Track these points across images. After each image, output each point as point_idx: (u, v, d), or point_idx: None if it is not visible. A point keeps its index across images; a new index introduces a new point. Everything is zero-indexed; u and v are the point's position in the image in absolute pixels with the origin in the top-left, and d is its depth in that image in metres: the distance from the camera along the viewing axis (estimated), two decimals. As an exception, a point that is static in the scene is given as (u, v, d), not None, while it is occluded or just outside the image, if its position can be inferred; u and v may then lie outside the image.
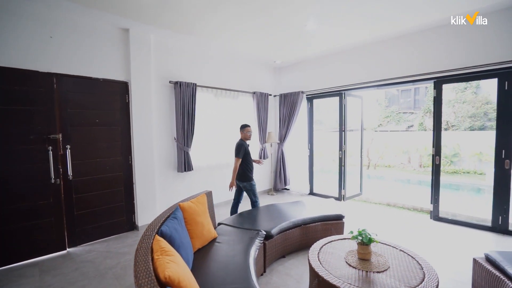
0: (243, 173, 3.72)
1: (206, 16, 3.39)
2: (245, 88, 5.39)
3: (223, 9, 3.22)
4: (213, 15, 3.38)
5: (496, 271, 2.06)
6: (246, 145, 3.75)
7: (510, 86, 3.39)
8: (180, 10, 3.22)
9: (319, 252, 2.31)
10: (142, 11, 3.21)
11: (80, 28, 3.28)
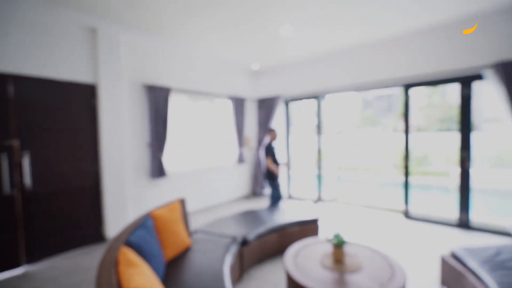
0: (269, 172, 4.16)
1: (180, 18, 3.33)
2: (222, 92, 5.34)
3: (197, 13, 3.18)
4: (187, 18, 3.33)
5: (460, 265, 2.15)
6: (273, 146, 4.20)
7: (468, 91, 3.63)
8: (152, 11, 3.14)
9: (295, 256, 2.29)
10: (111, 10, 3.08)
11: (42, 26, 3.07)
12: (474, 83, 3.60)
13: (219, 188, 5.38)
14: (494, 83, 3.28)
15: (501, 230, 3.51)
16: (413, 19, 3.49)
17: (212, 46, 4.38)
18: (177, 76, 4.59)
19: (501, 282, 1.78)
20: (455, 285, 2.20)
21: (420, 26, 3.71)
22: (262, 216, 3.33)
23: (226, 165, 5.44)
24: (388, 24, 3.65)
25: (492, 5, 3.16)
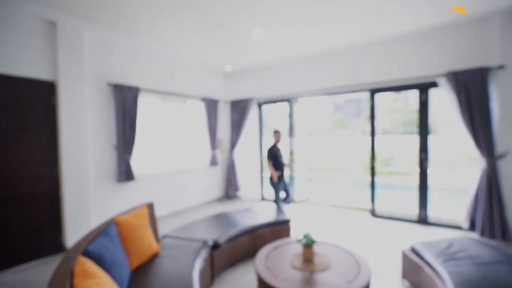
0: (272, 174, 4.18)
1: (150, 18, 3.21)
2: (194, 94, 5.25)
3: (167, 11, 3.09)
4: (158, 18, 3.23)
5: (418, 259, 2.31)
6: (276, 149, 4.19)
7: (426, 98, 3.94)
8: (119, 9, 2.99)
9: (266, 258, 2.31)
10: (73, 4, 2.89)
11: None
12: (430, 90, 3.91)
13: (191, 191, 5.26)
14: (446, 91, 3.58)
15: (454, 224, 3.82)
16: (377, 29, 3.70)
17: (185, 47, 4.29)
18: (147, 76, 4.42)
19: (452, 271, 1.93)
20: (414, 277, 2.36)
21: (384, 35, 3.95)
22: (234, 218, 3.31)
23: (198, 167, 5.34)
24: (355, 33, 3.83)
25: (442, 20, 3.45)
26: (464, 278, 1.84)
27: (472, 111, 3.40)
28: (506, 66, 3.27)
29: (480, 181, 3.41)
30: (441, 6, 3.09)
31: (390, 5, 3.03)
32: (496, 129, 3.35)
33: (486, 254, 2.16)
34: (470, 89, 3.37)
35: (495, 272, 1.90)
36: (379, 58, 4.22)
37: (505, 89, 3.31)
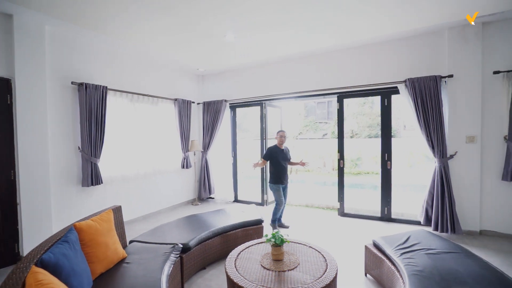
0: (270, 175, 4.04)
1: (116, 14, 3.09)
2: (166, 95, 5.13)
3: (137, 12, 3.02)
4: (127, 16, 3.14)
5: (379, 253, 2.47)
6: (276, 150, 3.99)
7: (388, 103, 4.23)
8: (84, 3, 2.85)
9: (236, 259, 2.33)
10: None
11: None
12: (392, 96, 4.21)
13: (163, 194, 5.12)
14: (405, 96, 3.88)
15: (413, 219, 4.13)
16: (344, 37, 3.91)
17: (157, 48, 4.21)
18: (116, 76, 4.25)
19: (408, 263, 2.10)
20: (376, 270, 2.52)
21: (351, 43, 4.19)
22: (206, 220, 3.28)
23: (170, 169, 5.21)
24: (324, 39, 4.01)
25: (401, 32, 3.75)
26: (417, 269, 2.01)
27: (427, 115, 3.71)
28: (454, 76, 3.62)
29: (433, 179, 3.73)
30: (399, 19, 3.35)
31: (355, 16, 3.23)
32: (447, 131, 3.70)
33: (437, 245, 2.37)
34: (425, 95, 3.69)
35: (443, 261, 2.10)
36: (346, 65, 4.45)
37: (453, 96, 3.67)
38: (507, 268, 2.74)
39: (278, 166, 3.95)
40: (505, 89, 3.44)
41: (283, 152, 4.03)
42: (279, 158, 3.95)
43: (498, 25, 3.48)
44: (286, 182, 4.06)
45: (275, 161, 3.95)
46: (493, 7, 3.11)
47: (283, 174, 3.98)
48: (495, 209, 3.58)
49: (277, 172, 3.96)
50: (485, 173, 3.61)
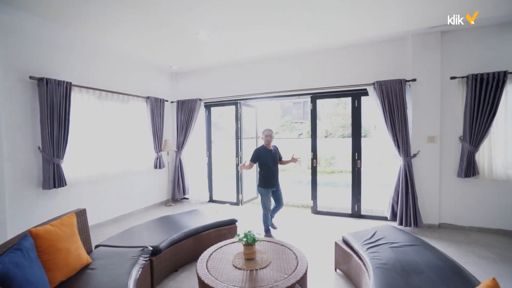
0: (259, 177, 3.74)
1: (80, 6, 2.91)
2: (137, 92, 4.93)
3: (105, 6, 2.87)
4: (91, 8, 2.95)
5: (347, 249, 2.58)
6: (263, 151, 3.67)
7: (358, 104, 4.42)
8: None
9: (208, 260, 2.30)
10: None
11: None
12: (362, 98, 4.40)
13: (134, 195, 4.93)
14: (374, 98, 4.08)
15: (381, 215, 4.35)
16: (316, 38, 4.01)
17: (127, 44, 4.05)
18: (83, 72, 4.01)
19: (373, 257, 2.21)
20: (345, 265, 2.62)
21: (323, 46, 4.31)
22: (178, 221, 3.21)
23: (142, 170, 5.02)
24: (297, 40, 4.08)
25: (370, 36, 3.93)
26: (381, 262, 2.12)
27: (393, 116, 3.92)
28: (417, 80, 3.87)
29: (398, 177, 3.95)
30: (366, 24, 3.51)
31: (326, 18, 3.33)
32: (411, 132, 3.94)
33: (400, 239, 2.52)
34: (391, 97, 3.90)
35: (405, 253, 2.23)
36: (319, 67, 4.58)
37: (416, 99, 3.92)
38: (460, 257, 2.99)
39: (267, 168, 3.64)
40: (460, 93, 3.74)
41: (272, 153, 3.70)
42: (268, 159, 3.63)
43: (455, 34, 3.77)
44: (277, 184, 3.76)
45: (263, 163, 3.64)
46: (444, 19, 3.36)
47: (272, 177, 3.67)
48: (451, 203, 3.89)
49: (266, 174, 3.65)
50: (443, 171, 3.90)
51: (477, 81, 3.52)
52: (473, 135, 3.60)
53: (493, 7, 3.09)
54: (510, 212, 3.61)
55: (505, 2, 2.98)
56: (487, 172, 3.64)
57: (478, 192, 3.75)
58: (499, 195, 3.65)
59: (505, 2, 2.99)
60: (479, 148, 3.63)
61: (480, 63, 3.65)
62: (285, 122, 14.52)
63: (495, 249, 3.20)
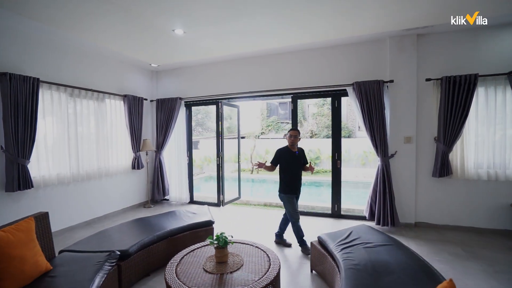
0: (280, 182, 3.33)
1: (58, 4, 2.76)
2: (114, 90, 4.75)
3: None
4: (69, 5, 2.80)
5: (322, 249, 2.56)
6: (286, 152, 3.28)
7: (338, 104, 4.44)
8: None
9: (179, 264, 2.22)
10: None
11: None
12: (343, 98, 4.43)
13: (110, 197, 4.75)
14: (353, 99, 4.11)
15: (360, 214, 4.40)
16: (298, 38, 4.00)
17: (101, 40, 3.88)
18: (53, 68, 3.81)
19: (346, 257, 2.19)
20: (320, 266, 2.60)
21: (305, 45, 4.29)
22: (153, 223, 3.11)
23: (119, 170, 4.85)
24: (276, 40, 4.06)
25: (349, 37, 3.96)
26: (354, 262, 2.11)
27: (371, 117, 3.96)
28: (394, 81, 3.93)
29: (377, 177, 4.00)
30: (345, 25, 3.52)
31: (305, 17, 3.31)
32: (388, 132, 4.00)
33: (374, 239, 2.52)
34: (370, 98, 3.93)
35: (378, 253, 2.24)
36: (301, 67, 4.57)
37: (394, 100, 3.98)
38: (433, 255, 3.05)
39: (289, 172, 3.24)
40: (435, 95, 3.83)
41: (296, 156, 3.28)
42: (290, 162, 3.23)
43: (430, 37, 3.85)
44: (298, 191, 3.34)
45: (284, 166, 3.25)
46: (421, 22, 3.43)
47: (293, 182, 3.26)
48: (427, 203, 3.97)
49: (287, 179, 3.26)
50: (419, 171, 3.98)
51: (451, 83, 3.62)
52: (447, 136, 3.69)
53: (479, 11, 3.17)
54: (480, 210, 3.73)
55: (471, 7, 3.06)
56: (460, 172, 3.74)
57: (451, 191, 3.85)
58: (470, 194, 3.76)
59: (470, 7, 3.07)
60: (452, 149, 3.73)
61: (454, 66, 3.74)
62: (271, 122, 14.52)
63: (466, 246, 3.29)
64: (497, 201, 3.65)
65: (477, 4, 2.99)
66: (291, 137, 3.25)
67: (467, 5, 3.02)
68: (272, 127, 14.52)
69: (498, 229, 3.66)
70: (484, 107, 3.65)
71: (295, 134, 3.26)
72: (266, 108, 15.41)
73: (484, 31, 3.63)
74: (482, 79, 3.58)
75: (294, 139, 3.25)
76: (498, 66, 3.55)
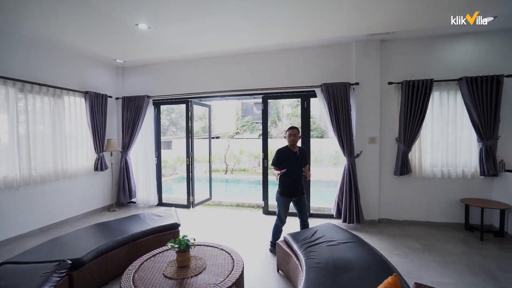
0: (279, 183, 3.16)
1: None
2: (73, 86, 4.44)
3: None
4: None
5: (288, 249, 2.58)
6: (285, 152, 3.10)
7: (308, 105, 4.52)
8: None
9: (137, 270, 2.11)
10: None
11: None
12: (312, 99, 4.51)
13: (70, 200, 4.43)
14: (321, 100, 4.20)
15: (329, 213, 4.51)
16: (267, 39, 4.00)
17: (58, 32, 3.57)
18: None
19: (308, 256, 2.22)
20: (286, 266, 2.61)
21: (276, 46, 4.31)
22: (114, 228, 2.93)
23: (80, 172, 4.53)
24: (248, 39, 4.03)
25: (318, 39, 4.05)
26: (316, 261, 2.14)
27: (338, 118, 4.08)
28: (360, 83, 4.08)
29: (343, 176, 4.13)
30: (310, 28, 3.59)
31: (273, 18, 3.31)
32: (354, 133, 4.14)
33: (338, 237, 2.58)
34: (337, 100, 4.05)
35: (340, 251, 2.29)
36: (271, 67, 4.59)
37: (359, 101, 4.13)
38: (393, 249, 3.21)
39: (288, 174, 3.05)
40: (396, 97, 4.04)
41: (296, 156, 3.11)
42: (290, 162, 3.06)
43: (392, 43, 4.06)
44: (299, 193, 3.15)
45: (284, 166, 3.06)
46: (384, 27, 3.60)
47: (293, 184, 3.09)
48: (389, 200, 4.18)
49: (286, 180, 3.08)
50: (382, 170, 4.17)
51: (410, 87, 3.83)
52: (407, 136, 3.91)
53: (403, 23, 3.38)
54: (435, 205, 4.01)
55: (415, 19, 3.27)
56: (418, 170, 3.98)
57: (410, 189, 4.09)
58: (427, 191, 4.02)
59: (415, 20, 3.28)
60: (412, 149, 3.96)
61: (413, 71, 3.98)
62: (245, 122, 14.50)
63: (422, 240, 3.50)
64: (450, 197, 3.94)
65: (424, 15, 3.19)
66: (291, 136, 3.08)
67: (420, 13, 3.21)
68: (247, 127, 14.52)
69: (451, 223, 3.95)
70: (439, 110, 3.92)
71: (294, 132, 3.10)
72: (241, 108, 15.37)
73: (439, 39, 3.90)
74: (437, 84, 3.84)
75: (294, 138, 3.08)
76: (450, 73, 3.83)
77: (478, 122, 3.66)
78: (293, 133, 3.09)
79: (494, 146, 3.67)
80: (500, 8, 3.07)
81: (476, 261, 2.92)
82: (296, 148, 3.15)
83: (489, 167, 3.65)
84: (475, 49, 3.82)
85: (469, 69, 3.77)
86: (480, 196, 3.85)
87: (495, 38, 3.74)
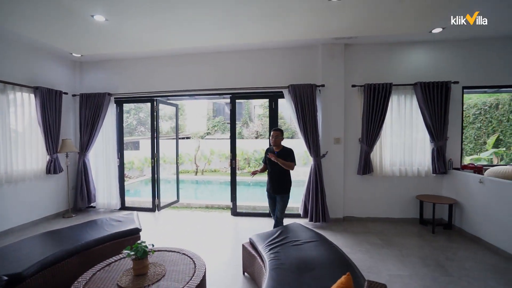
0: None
1: None
2: (21, 81, 4.01)
3: None
4: None
5: (253, 251, 2.55)
6: (268, 151, 3.40)
7: (276, 106, 4.56)
8: None
9: (88, 282, 1.93)
10: None
11: None
12: (279, 100, 4.55)
13: (15, 207, 3.98)
14: (289, 101, 4.26)
15: (297, 212, 4.56)
16: (235, 38, 3.96)
17: (4, 19, 3.19)
18: None
19: (272, 257, 2.21)
20: (251, 268, 2.58)
21: (239, 45, 4.28)
22: (66, 236, 2.69)
23: (28, 175, 4.10)
24: (213, 38, 3.95)
25: (286, 41, 4.10)
26: (279, 262, 2.14)
27: (305, 119, 4.15)
28: (325, 85, 4.20)
29: (310, 176, 4.22)
30: (276, 28, 3.62)
31: (237, 17, 3.28)
32: (320, 133, 4.25)
33: (302, 236, 2.61)
34: (304, 101, 4.13)
35: (303, 250, 2.31)
36: (240, 67, 4.56)
37: (325, 103, 4.25)
38: (356, 246, 3.34)
39: (269, 171, 3.40)
40: (359, 100, 4.22)
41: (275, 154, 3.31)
42: (270, 161, 3.32)
43: (355, 48, 4.24)
44: (274, 191, 3.34)
45: (267, 164, 3.40)
46: (346, 32, 3.74)
47: (271, 181, 3.37)
48: (353, 198, 4.35)
49: (268, 176, 3.44)
50: (347, 169, 4.34)
51: (371, 90, 4.03)
52: (369, 137, 4.10)
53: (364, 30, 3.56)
54: (394, 202, 4.26)
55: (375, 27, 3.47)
56: (379, 169, 4.20)
57: (372, 187, 4.30)
58: (387, 188, 4.26)
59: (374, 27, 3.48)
60: (373, 149, 4.16)
61: (374, 75, 4.19)
62: (217, 122, 14.29)
63: (382, 235, 3.69)
64: (407, 194, 4.22)
65: (384, 21, 3.38)
66: (272, 137, 3.35)
67: (379, 19, 3.39)
68: (218, 127, 14.31)
69: (407, 218, 4.23)
70: (397, 113, 4.18)
71: (276, 134, 3.32)
72: (212, 108, 15.14)
73: (397, 46, 4.15)
74: (396, 88, 4.09)
75: (275, 139, 3.32)
76: (407, 78, 4.10)
77: (430, 124, 3.95)
78: (275, 134, 3.34)
79: (444, 146, 3.99)
80: (448, 20, 3.33)
81: (428, 252, 3.14)
82: (278, 148, 3.36)
83: (440, 165, 3.96)
84: (428, 56, 4.13)
85: (423, 75, 4.06)
86: (433, 193, 4.16)
87: (445, 47, 4.08)
